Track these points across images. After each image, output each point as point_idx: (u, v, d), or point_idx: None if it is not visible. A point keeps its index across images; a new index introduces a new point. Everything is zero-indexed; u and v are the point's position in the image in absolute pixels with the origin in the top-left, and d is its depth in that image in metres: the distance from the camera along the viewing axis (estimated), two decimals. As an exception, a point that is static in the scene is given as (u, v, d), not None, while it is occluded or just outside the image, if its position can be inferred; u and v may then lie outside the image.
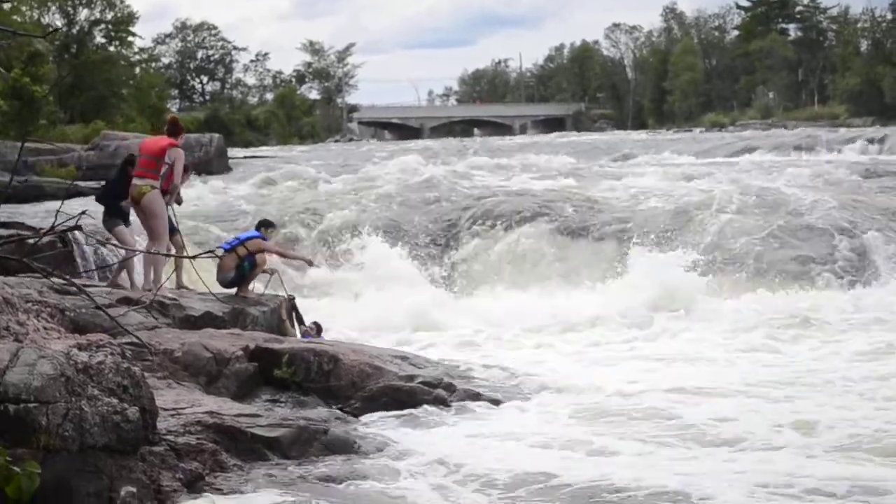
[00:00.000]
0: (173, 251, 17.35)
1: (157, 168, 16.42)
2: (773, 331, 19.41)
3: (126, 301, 15.08)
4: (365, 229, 26.45)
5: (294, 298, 18.43)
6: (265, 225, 18.79)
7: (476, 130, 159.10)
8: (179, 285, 18.12)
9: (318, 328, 18.25)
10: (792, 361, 16.78)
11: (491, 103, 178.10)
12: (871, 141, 54.46)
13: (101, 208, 17.84)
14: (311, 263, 21.27)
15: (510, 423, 12.48)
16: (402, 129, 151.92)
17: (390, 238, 26.15)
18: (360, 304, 22.77)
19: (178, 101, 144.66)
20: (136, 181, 16.55)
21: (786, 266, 23.61)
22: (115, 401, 8.97)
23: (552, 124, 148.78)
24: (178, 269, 18.31)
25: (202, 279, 17.68)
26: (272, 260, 18.47)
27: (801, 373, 15.49)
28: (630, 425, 12.39)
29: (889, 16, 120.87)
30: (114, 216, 17.66)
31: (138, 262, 17.87)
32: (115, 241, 17.20)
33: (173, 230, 17.72)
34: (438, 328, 21.13)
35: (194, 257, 17.40)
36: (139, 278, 17.68)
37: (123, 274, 17.97)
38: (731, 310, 21.39)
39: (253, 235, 18.05)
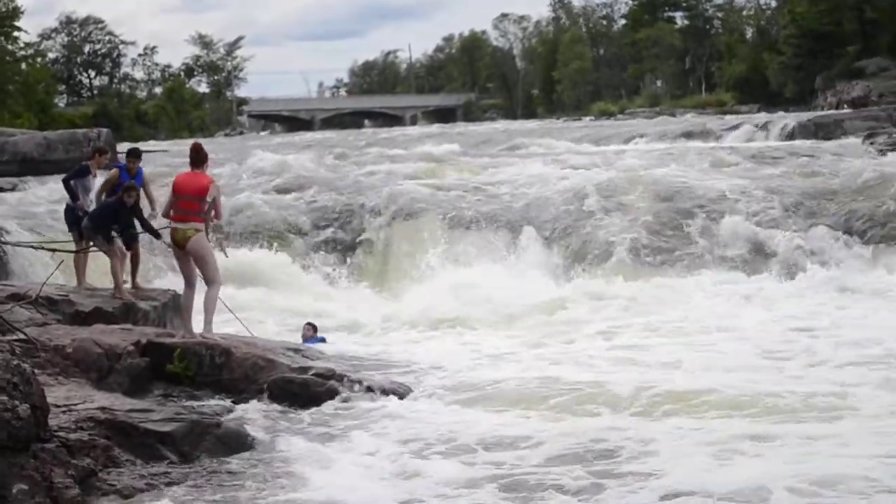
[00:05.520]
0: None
1: (199, 209, 15.13)
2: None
3: (14, 297, 14.95)
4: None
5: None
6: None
7: (366, 122, 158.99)
8: (80, 282, 17.88)
9: (314, 328, 18.47)
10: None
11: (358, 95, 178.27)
12: (756, 127, 55.32)
13: None
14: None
15: (404, 416, 12.49)
16: (293, 122, 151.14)
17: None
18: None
19: (65, 96, 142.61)
20: (178, 225, 15.25)
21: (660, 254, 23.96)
22: (4, 398, 8.93)
23: (443, 115, 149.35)
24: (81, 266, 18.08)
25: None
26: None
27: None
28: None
29: (773, 3, 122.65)
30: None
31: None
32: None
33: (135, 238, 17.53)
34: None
35: (83, 251, 17.44)
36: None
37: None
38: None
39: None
